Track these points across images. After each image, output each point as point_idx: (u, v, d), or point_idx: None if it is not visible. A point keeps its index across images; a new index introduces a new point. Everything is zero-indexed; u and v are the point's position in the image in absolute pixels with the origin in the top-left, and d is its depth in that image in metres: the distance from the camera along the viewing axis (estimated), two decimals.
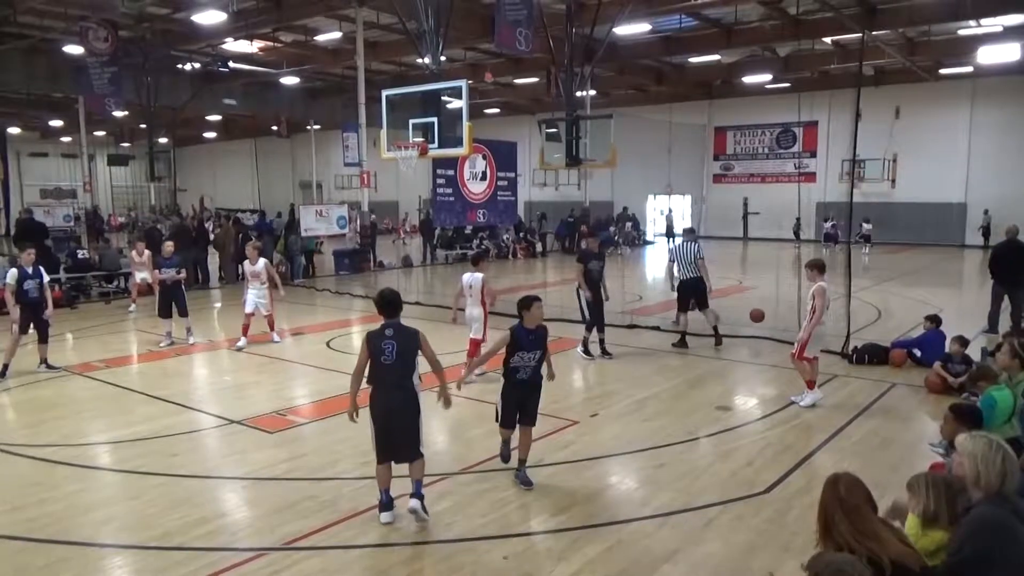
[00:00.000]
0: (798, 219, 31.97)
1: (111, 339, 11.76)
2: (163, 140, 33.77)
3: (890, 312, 14.21)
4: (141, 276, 14.78)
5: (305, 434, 7.52)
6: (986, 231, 27.32)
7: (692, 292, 11.39)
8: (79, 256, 17.48)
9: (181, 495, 5.87)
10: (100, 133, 41.93)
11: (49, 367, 10.04)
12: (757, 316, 10.44)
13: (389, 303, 5.47)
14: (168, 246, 12.19)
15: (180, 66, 26.46)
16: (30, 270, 9.85)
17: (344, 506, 5.61)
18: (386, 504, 5.37)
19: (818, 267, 8.33)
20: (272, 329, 11.93)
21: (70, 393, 9.09)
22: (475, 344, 9.14)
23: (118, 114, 26.99)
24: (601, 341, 10.82)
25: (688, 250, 11.41)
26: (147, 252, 14.47)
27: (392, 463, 5.40)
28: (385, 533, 5.18)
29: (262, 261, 11.63)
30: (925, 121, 29.41)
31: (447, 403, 5.66)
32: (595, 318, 10.65)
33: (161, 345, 11.56)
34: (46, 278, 10.10)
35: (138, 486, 6.10)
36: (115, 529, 5.36)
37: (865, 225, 26.90)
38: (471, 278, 9.36)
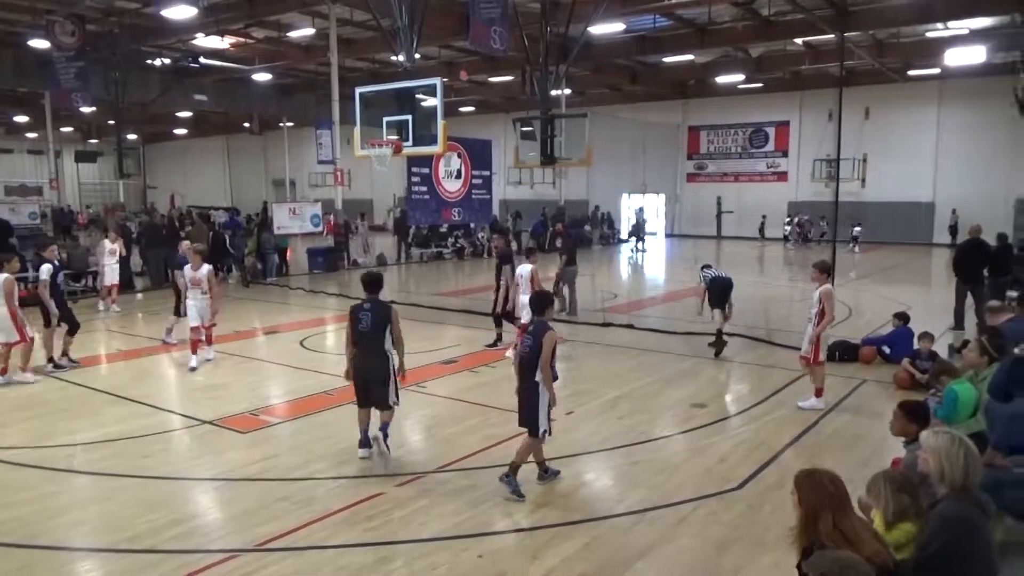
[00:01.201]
0: (763, 218, 32.44)
1: (77, 339, 11.51)
2: (132, 136, 33.25)
3: (860, 310, 14.42)
4: (110, 268, 14.34)
5: (278, 434, 7.45)
6: (953, 230, 27.85)
7: (725, 292, 10.84)
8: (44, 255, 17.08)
9: (153, 497, 5.80)
10: (67, 129, 41.15)
11: (72, 361, 10.16)
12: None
13: (371, 281, 6.58)
14: (185, 245, 12.11)
15: (149, 61, 26.06)
16: (58, 263, 10.45)
17: (318, 506, 5.58)
18: (364, 442, 6.57)
19: (823, 268, 8.12)
20: (210, 343, 10.46)
21: (38, 394, 8.91)
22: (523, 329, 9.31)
23: (85, 110, 26.53)
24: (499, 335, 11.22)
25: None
26: (120, 242, 14.12)
27: (370, 409, 6.54)
28: (359, 533, 5.15)
29: (206, 267, 10.17)
30: (894, 121, 29.90)
31: (403, 376, 6.66)
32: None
33: (170, 341, 11.53)
34: (43, 275, 10.06)
35: (109, 488, 6.01)
36: (85, 532, 5.27)
37: (856, 228, 27.41)
38: (523, 269, 10.36)
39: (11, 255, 10.07)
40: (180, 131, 47.49)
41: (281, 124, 37.80)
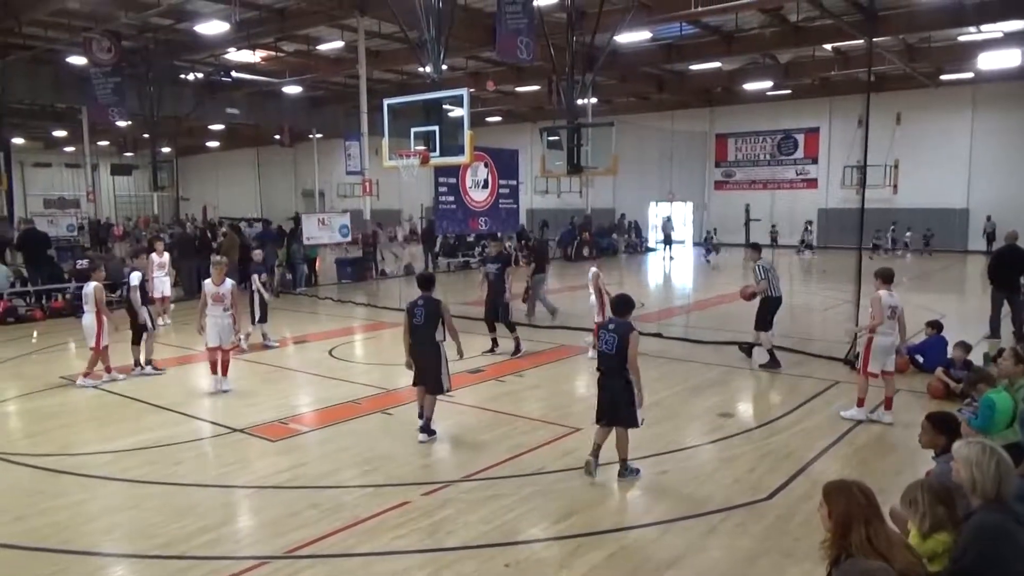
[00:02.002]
0: (773, 226, 32.00)
1: (113, 349, 11.74)
2: (166, 149, 33.90)
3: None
4: (160, 281, 14.04)
5: (307, 442, 7.52)
6: (990, 237, 27.28)
7: (775, 310, 10.69)
8: (78, 266, 17.48)
9: (183, 504, 5.88)
10: (103, 143, 42.04)
11: (156, 369, 10.54)
12: (746, 295, 10.74)
13: (424, 280, 7.70)
14: (258, 253, 13.23)
15: (183, 76, 26.60)
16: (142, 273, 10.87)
17: (346, 514, 5.61)
18: (424, 428, 7.39)
19: (882, 276, 8.10)
20: (226, 371, 9.38)
21: (73, 402, 9.10)
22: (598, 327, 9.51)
23: (121, 124, 27.06)
24: (514, 339, 11.42)
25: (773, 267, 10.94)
26: (166, 255, 14.24)
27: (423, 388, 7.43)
28: (387, 541, 5.18)
29: (229, 282, 9.46)
30: (926, 127, 29.43)
31: (460, 354, 7.75)
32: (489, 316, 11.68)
33: (273, 342, 12.27)
34: (134, 281, 10.53)
35: (140, 495, 6.11)
36: (117, 538, 5.37)
37: (907, 233, 27.47)
38: (591, 272, 11.29)
39: (99, 264, 10.68)
40: (212, 144, 48.33)
41: (311, 136, 38.29)
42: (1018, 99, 26.79)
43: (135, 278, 10.45)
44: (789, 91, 31.38)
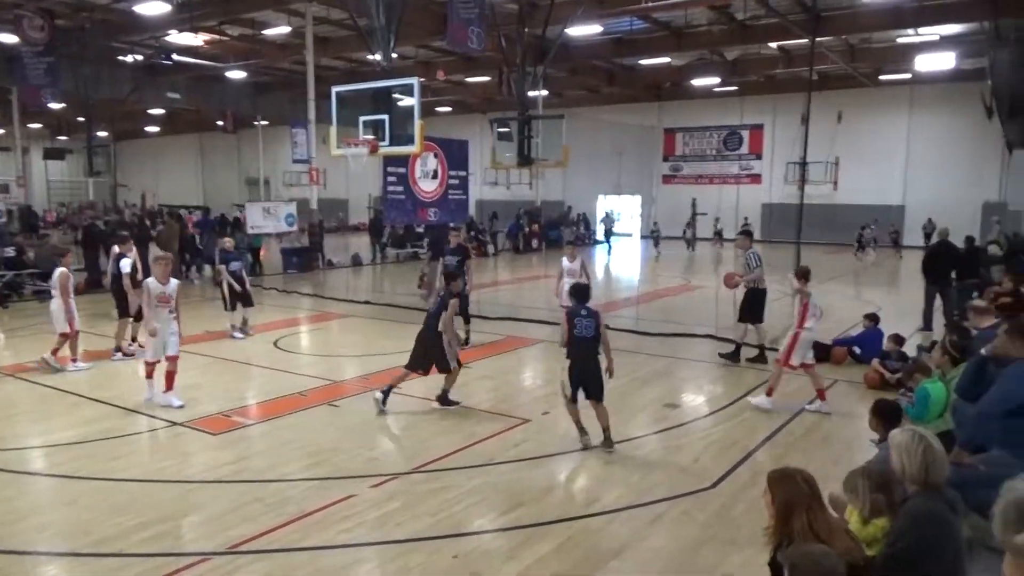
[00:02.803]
0: (717, 219, 32.62)
1: (44, 339, 11.27)
2: (103, 134, 32.71)
3: (831, 311, 14.58)
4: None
5: (251, 436, 7.36)
6: (928, 236, 28.24)
7: (765, 301, 10.51)
8: (5, 253, 16.75)
9: (121, 500, 5.70)
10: (36, 126, 40.39)
11: (125, 355, 10.53)
12: (732, 283, 10.59)
13: (448, 275, 8.53)
14: (229, 241, 13.14)
15: (121, 58, 25.67)
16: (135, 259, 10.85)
17: (291, 508, 5.52)
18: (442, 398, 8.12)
19: (805, 276, 8.24)
20: (171, 386, 8.22)
21: (3, 395, 8.73)
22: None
23: (54, 106, 26.01)
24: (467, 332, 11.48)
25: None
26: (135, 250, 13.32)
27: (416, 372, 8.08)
28: (333, 535, 5.11)
29: (174, 281, 8.49)
30: (866, 125, 30.34)
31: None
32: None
33: (237, 336, 12.02)
34: (125, 268, 10.69)
35: (75, 491, 5.90)
36: (50, 536, 5.17)
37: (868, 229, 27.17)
38: (568, 262, 12.04)
39: (66, 250, 10.51)
40: (152, 129, 46.81)
41: (256, 122, 37.44)
42: (951, 100, 27.82)
43: (126, 265, 10.56)
44: (735, 88, 31.97)
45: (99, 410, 8.08)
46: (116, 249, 11.16)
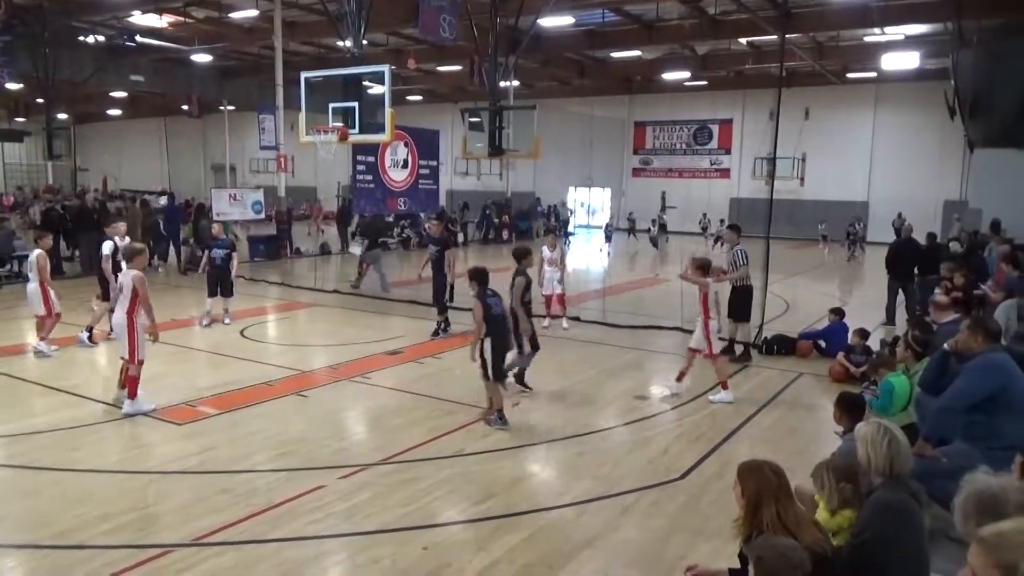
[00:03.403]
0: (704, 215, 32.80)
1: (3, 327, 11.04)
2: (63, 116, 31.87)
3: (797, 305, 14.82)
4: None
5: (217, 426, 7.24)
6: (897, 231, 28.73)
7: (751, 300, 10.33)
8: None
9: (82, 491, 5.57)
10: None
11: (91, 341, 10.40)
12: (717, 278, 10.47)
13: (478, 274, 7.50)
14: (217, 227, 13.03)
15: (82, 38, 24.94)
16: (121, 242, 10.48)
17: (259, 500, 5.45)
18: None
19: (704, 267, 8.41)
20: (134, 393, 7.40)
21: None
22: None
23: (12, 87, 25.29)
24: (443, 322, 11.57)
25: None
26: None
27: None
28: (301, 527, 5.06)
29: (131, 273, 7.53)
30: (832, 122, 30.80)
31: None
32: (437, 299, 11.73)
33: (203, 324, 11.87)
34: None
35: (35, 482, 5.76)
36: (8, 528, 5.04)
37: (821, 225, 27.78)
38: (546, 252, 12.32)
39: (45, 232, 10.34)
40: (115, 112, 45.70)
41: (222, 107, 36.75)
42: (915, 99, 28.32)
43: (107, 247, 10.35)
44: (705, 83, 32.18)
45: (60, 399, 7.90)
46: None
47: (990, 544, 2.04)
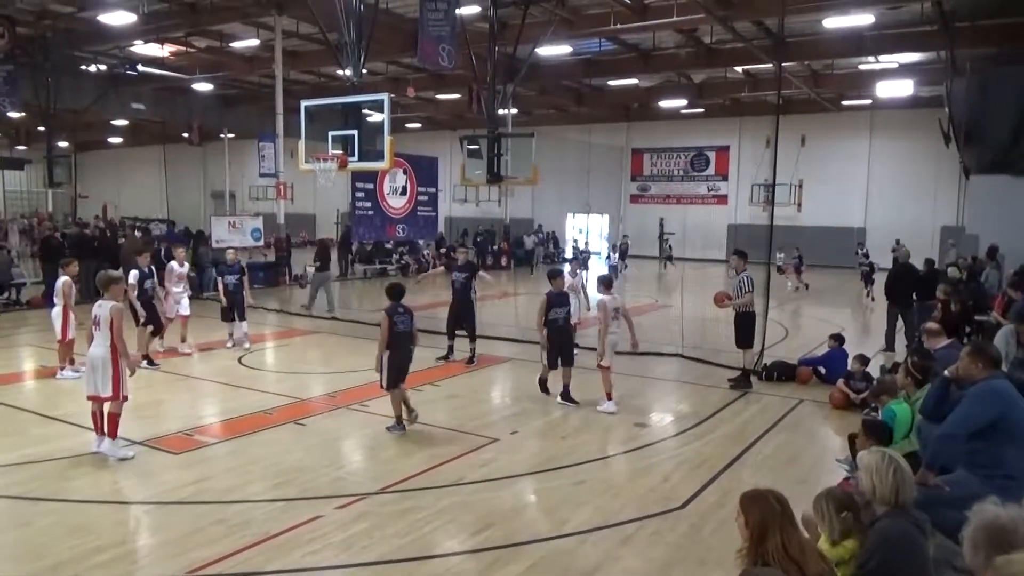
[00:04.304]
0: (661, 236, 32.74)
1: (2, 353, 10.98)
2: (64, 144, 32.03)
3: (796, 331, 14.80)
4: (180, 296, 12.08)
5: (214, 455, 7.18)
6: (896, 259, 28.74)
7: (753, 326, 10.19)
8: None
9: (76, 522, 5.50)
10: None
11: (151, 363, 10.59)
12: (722, 303, 10.34)
13: (391, 290, 8.12)
14: (232, 254, 13.04)
15: (84, 67, 25.19)
16: (147, 270, 10.90)
17: (255, 530, 5.38)
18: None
19: (604, 283, 9.09)
20: (112, 431, 6.88)
21: None
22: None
23: (13, 115, 25.47)
24: (471, 349, 11.59)
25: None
26: (187, 264, 12.90)
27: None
28: (298, 558, 4.99)
29: (107, 304, 6.92)
30: (829, 149, 31.01)
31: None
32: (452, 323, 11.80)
33: (228, 346, 12.23)
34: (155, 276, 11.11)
35: (28, 513, 5.68)
36: (2, 560, 4.96)
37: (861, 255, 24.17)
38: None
39: (71, 259, 10.55)
40: (115, 140, 45.96)
41: (222, 135, 36.97)
42: (910, 126, 28.56)
43: (132, 276, 10.53)
44: (702, 110, 32.48)
45: (55, 428, 7.84)
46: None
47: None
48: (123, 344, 6.91)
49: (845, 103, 29.51)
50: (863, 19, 18.46)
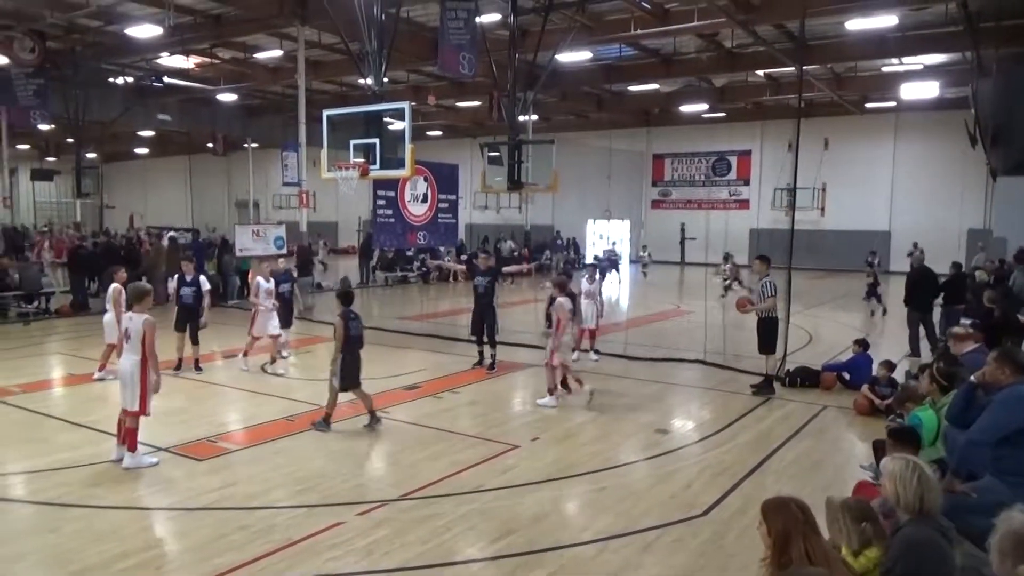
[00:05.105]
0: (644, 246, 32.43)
1: (27, 363, 11.15)
2: (91, 155, 32.64)
3: (820, 336, 14.64)
4: (270, 314, 11.70)
5: (237, 461, 7.25)
6: (912, 264, 28.38)
7: (776, 331, 10.16)
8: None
9: (103, 527, 5.58)
10: (24, 147, 40.29)
11: (198, 368, 11.04)
12: (744, 308, 10.41)
13: (342, 295, 8.41)
14: (282, 261, 13.37)
15: (111, 80, 25.67)
16: (188, 278, 11.21)
17: (277, 536, 5.42)
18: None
19: (558, 285, 9.50)
20: (132, 445, 6.92)
21: None
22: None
23: (44, 127, 26.00)
24: (492, 356, 11.64)
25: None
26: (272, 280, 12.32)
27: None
28: (320, 564, 5.02)
29: (138, 317, 6.92)
30: (852, 152, 30.70)
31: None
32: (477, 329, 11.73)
33: (284, 355, 12.24)
34: (206, 285, 11.29)
35: (56, 519, 5.77)
36: (30, 565, 5.05)
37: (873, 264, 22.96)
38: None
39: (119, 267, 10.94)
40: (141, 150, 46.77)
41: (245, 145, 37.44)
42: (935, 128, 28.21)
43: (172, 284, 11.36)
44: (723, 114, 32.31)
45: (82, 435, 7.96)
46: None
47: None
48: (155, 358, 6.88)
49: (869, 105, 29.22)
50: (886, 21, 18.27)
